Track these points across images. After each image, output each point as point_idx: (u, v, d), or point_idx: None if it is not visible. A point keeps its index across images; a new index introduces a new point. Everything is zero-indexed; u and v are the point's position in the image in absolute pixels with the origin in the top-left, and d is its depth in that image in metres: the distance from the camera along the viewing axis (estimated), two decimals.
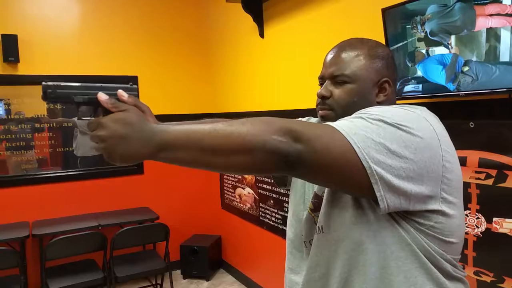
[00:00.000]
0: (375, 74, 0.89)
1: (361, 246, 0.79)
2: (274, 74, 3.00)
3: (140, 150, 0.69)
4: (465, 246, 1.60)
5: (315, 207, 0.92)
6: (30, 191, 3.33)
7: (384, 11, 1.76)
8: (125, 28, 3.64)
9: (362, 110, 0.78)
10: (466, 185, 1.58)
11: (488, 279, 1.56)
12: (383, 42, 1.73)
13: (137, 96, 0.78)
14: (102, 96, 0.73)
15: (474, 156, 1.56)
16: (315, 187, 0.93)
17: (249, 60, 3.33)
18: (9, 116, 3.35)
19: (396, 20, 1.73)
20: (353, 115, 0.78)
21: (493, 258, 1.54)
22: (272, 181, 3.00)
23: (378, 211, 0.74)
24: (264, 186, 3.17)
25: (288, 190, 1.10)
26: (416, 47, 1.67)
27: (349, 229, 0.80)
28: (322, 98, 0.91)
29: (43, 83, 0.73)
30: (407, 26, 1.69)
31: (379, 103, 0.90)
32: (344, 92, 0.89)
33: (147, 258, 3.30)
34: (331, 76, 0.91)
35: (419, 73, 1.68)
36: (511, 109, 1.49)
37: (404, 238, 0.77)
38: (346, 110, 0.85)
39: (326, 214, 0.85)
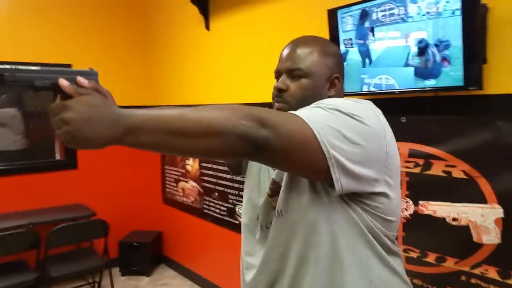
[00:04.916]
0: (327, 70, 0.96)
1: (315, 226, 0.87)
2: (220, 67, 3.02)
3: (106, 133, 0.67)
4: None
5: (273, 193, 0.97)
6: None
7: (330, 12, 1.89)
8: (59, 15, 3.44)
9: (318, 102, 0.86)
10: None
11: (414, 255, 1.76)
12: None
13: (97, 81, 0.76)
14: (63, 82, 0.70)
15: (405, 147, 1.74)
16: (273, 174, 0.99)
17: (193, 52, 3.31)
18: None
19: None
20: (311, 105, 0.85)
21: (419, 236, 1.74)
22: (220, 172, 3.01)
23: (333, 193, 0.82)
24: (209, 179, 3.20)
25: (242, 178, 1.15)
26: None
27: (305, 211, 0.88)
28: (279, 91, 0.96)
29: None
30: None
31: (330, 98, 0.98)
32: (299, 87, 0.95)
33: (84, 256, 3.16)
34: (288, 71, 0.96)
35: None
36: (436, 106, 1.68)
37: (353, 218, 0.86)
38: (300, 104, 0.91)
39: (285, 199, 0.92)
